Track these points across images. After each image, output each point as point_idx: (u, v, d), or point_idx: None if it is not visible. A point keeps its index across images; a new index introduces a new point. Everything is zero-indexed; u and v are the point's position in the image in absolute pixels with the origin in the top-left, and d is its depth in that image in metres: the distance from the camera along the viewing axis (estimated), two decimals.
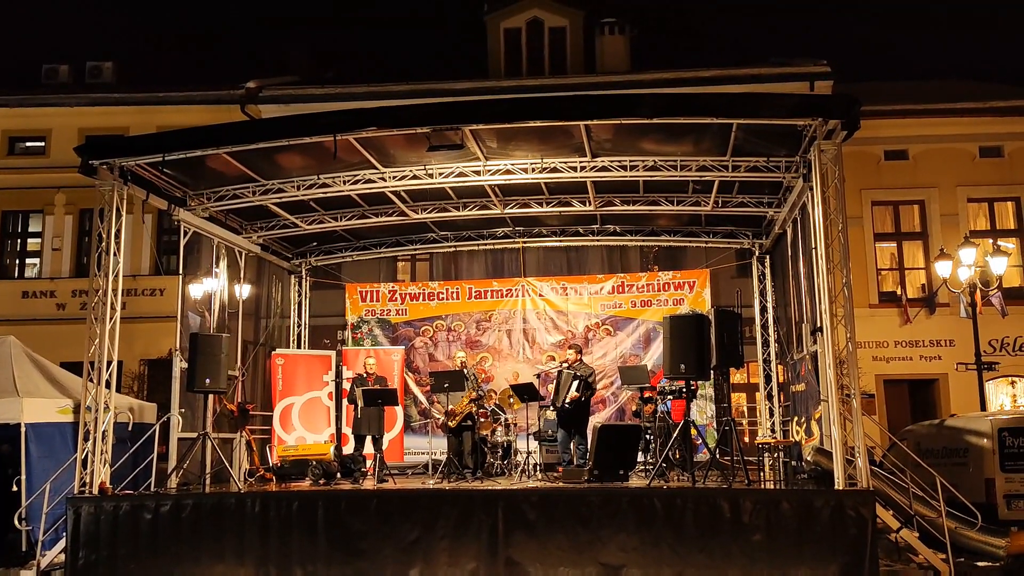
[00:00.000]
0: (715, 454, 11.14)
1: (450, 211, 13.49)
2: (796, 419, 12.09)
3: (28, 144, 19.22)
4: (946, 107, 17.70)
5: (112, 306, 10.35)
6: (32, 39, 35.31)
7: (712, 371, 10.95)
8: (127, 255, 11.29)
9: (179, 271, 12.76)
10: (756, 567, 8.50)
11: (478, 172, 11.65)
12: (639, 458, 11.80)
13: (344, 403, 13.91)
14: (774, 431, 13.55)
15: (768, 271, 14.12)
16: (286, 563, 9.13)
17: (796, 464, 10.77)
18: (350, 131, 10.13)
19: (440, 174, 11.72)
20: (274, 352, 14.35)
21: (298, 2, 40.34)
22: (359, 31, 35.66)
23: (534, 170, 11.59)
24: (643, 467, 11.95)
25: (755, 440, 14.02)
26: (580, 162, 11.42)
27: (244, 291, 13.69)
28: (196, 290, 12.57)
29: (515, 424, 12.58)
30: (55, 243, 18.62)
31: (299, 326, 15.45)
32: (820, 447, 10.02)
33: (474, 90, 17.22)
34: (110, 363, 10.27)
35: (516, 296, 15.44)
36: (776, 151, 10.69)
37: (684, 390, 10.70)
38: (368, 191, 12.27)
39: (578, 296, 15.38)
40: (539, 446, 12.63)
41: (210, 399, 11.26)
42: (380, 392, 12.10)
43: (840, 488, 8.66)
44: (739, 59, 18.82)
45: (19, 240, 19.32)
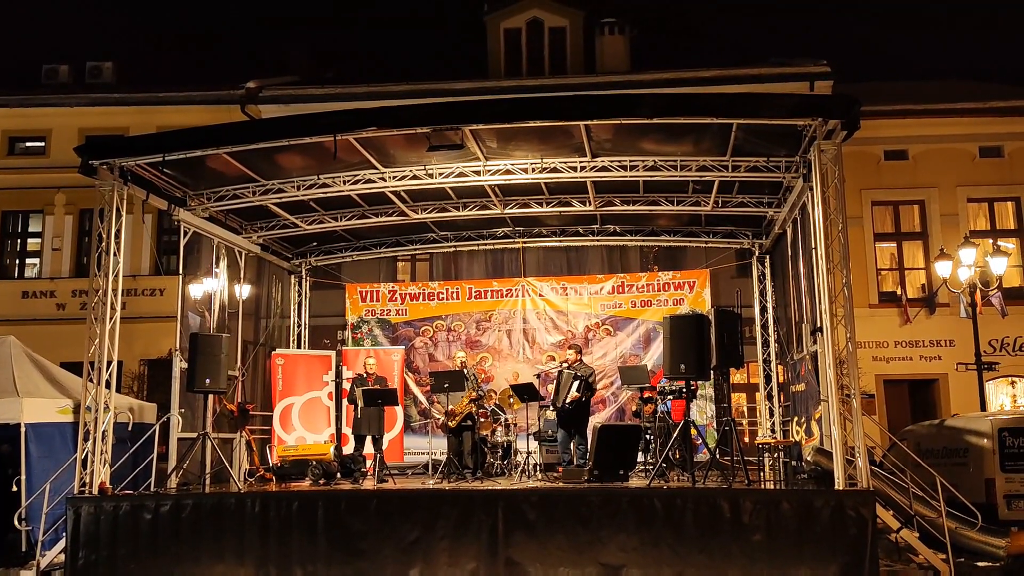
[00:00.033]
0: (715, 454, 11.14)
1: (450, 211, 13.49)
2: (796, 419, 12.09)
3: (28, 144, 19.21)
4: (946, 107, 17.69)
5: (112, 306, 10.35)
6: (32, 39, 35.35)
7: (712, 371, 10.94)
8: (127, 255, 11.29)
9: (179, 271, 12.76)
10: (756, 567, 8.49)
11: (478, 172, 11.64)
12: (639, 458, 11.79)
13: (344, 403, 13.91)
14: (774, 431, 13.55)
15: (768, 271, 14.12)
16: (286, 563, 9.13)
17: (796, 464, 10.77)
18: (350, 131, 10.13)
19: (440, 174, 11.72)
20: (274, 352, 14.35)
21: (298, 2, 40.36)
22: (359, 31, 35.69)
23: (534, 170, 11.59)
24: (643, 467, 11.94)
25: (755, 440, 14.02)
26: (580, 162, 11.42)
27: (244, 291, 13.69)
28: (196, 290, 12.57)
29: (515, 424, 12.57)
30: (55, 243, 18.61)
31: (299, 326, 15.45)
32: (820, 447, 10.02)
33: (474, 90, 17.21)
34: (110, 363, 10.27)
35: (516, 296, 15.44)
36: (776, 151, 10.68)
37: (684, 390, 10.69)
38: (368, 191, 12.27)
39: (578, 296, 15.38)
40: (539, 446, 12.63)
41: (210, 399, 11.26)
42: (380, 392, 12.09)
43: (840, 488, 8.66)
44: (739, 59, 18.83)
45: (19, 240, 19.31)
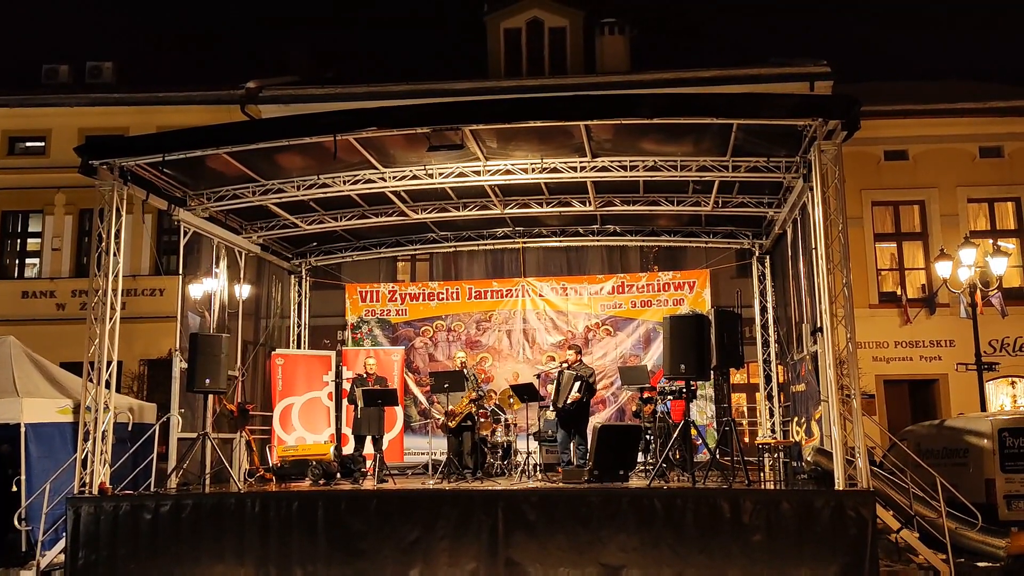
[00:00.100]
0: (715, 454, 11.13)
1: (450, 211, 13.49)
2: (796, 419, 12.08)
3: (28, 144, 19.21)
4: (946, 107, 17.69)
5: (112, 306, 10.35)
6: (32, 39, 35.36)
7: (712, 371, 10.94)
8: (127, 255, 11.29)
9: (179, 271, 12.75)
10: (756, 567, 8.49)
11: (478, 172, 11.64)
12: (639, 458, 11.79)
13: (344, 403, 13.91)
14: (774, 431, 13.55)
15: (768, 271, 14.12)
16: (286, 563, 9.13)
17: (796, 464, 10.77)
18: (350, 131, 10.13)
19: (440, 174, 11.72)
20: (274, 352, 14.35)
21: (298, 2, 40.37)
22: (359, 31, 35.70)
23: (534, 170, 11.59)
24: (643, 467, 11.94)
25: (755, 440, 14.03)
26: (580, 162, 11.42)
27: (244, 291, 13.69)
28: (196, 290, 12.57)
29: (515, 424, 12.57)
30: (55, 243, 18.61)
31: (299, 326, 15.44)
32: (820, 447, 10.02)
33: (474, 90, 17.21)
34: (110, 363, 10.27)
35: (516, 296, 15.43)
36: (776, 151, 10.68)
37: (684, 390, 10.69)
38: (368, 191, 12.27)
39: (578, 296, 15.37)
40: (539, 446, 12.61)
41: (210, 399, 11.26)
42: (380, 392, 12.09)
43: (840, 488, 8.66)
44: (739, 59, 18.83)
45: (19, 240, 19.31)
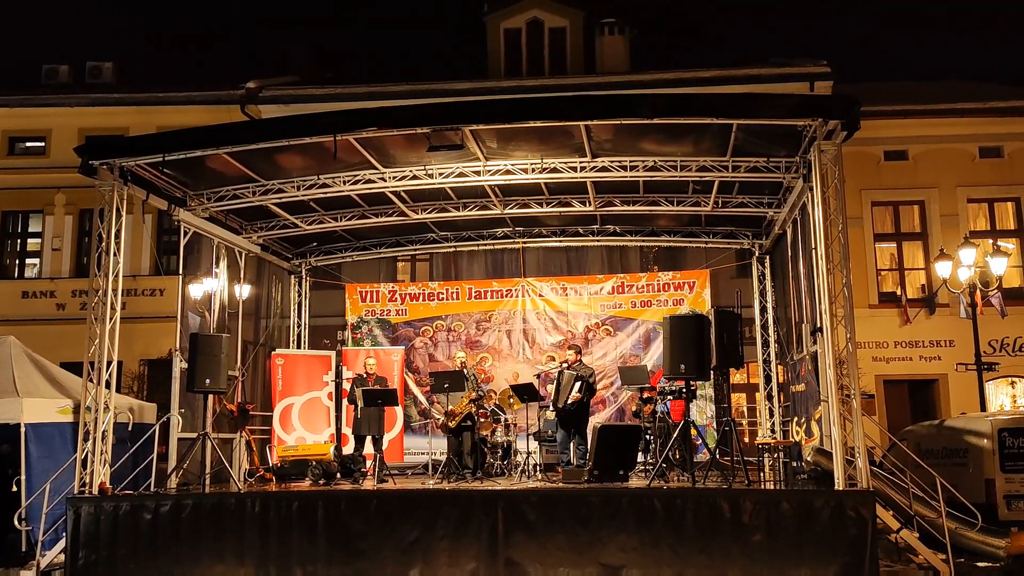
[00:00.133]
0: (715, 454, 11.13)
1: (450, 211, 13.49)
2: (796, 419, 12.09)
3: (28, 144, 19.20)
4: (946, 107, 17.68)
5: (112, 306, 10.35)
6: (32, 39, 35.39)
7: (712, 371, 10.94)
8: (127, 255, 11.29)
9: (179, 271, 12.76)
10: (756, 567, 8.49)
11: (478, 172, 11.64)
12: (639, 458, 11.79)
13: (344, 403, 13.91)
14: (774, 431, 13.55)
15: (768, 271, 14.12)
16: (286, 563, 9.13)
17: (796, 464, 10.77)
18: (350, 131, 10.13)
19: (440, 174, 11.72)
20: (274, 352, 14.35)
21: (298, 2, 40.38)
22: (359, 31, 35.73)
23: (534, 170, 11.59)
24: (643, 467, 11.94)
25: (755, 440, 14.03)
26: (580, 162, 11.42)
27: (244, 291, 13.69)
28: (196, 290, 12.57)
29: (515, 424, 12.58)
30: (55, 243, 18.61)
31: (299, 326, 15.45)
32: (820, 447, 10.02)
33: (474, 90, 17.21)
34: (110, 363, 10.27)
35: (516, 296, 15.44)
36: (776, 151, 10.68)
37: (684, 390, 10.69)
38: (368, 191, 12.27)
39: (578, 296, 15.37)
40: (539, 446, 12.61)
41: (210, 399, 11.25)
42: (380, 392, 12.09)
43: (840, 488, 8.66)
44: (739, 59, 18.82)
45: (19, 240, 19.30)
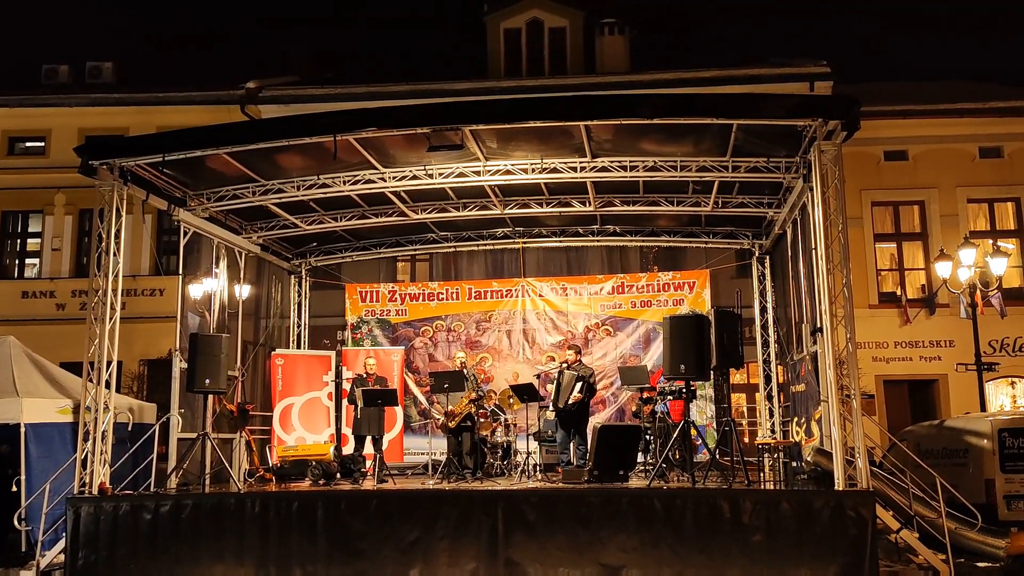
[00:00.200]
0: (715, 454, 11.12)
1: (450, 211, 13.49)
2: (796, 419, 12.08)
3: (28, 144, 19.20)
4: (946, 108, 17.68)
5: (112, 306, 10.35)
6: (32, 39, 35.41)
7: (712, 371, 10.94)
8: (127, 255, 11.29)
9: (179, 271, 12.76)
10: (756, 568, 8.49)
11: (478, 172, 11.64)
12: (639, 458, 11.79)
13: (344, 403, 13.91)
14: (774, 431, 13.55)
15: (768, 271, 14.12)
16: (286, 563, 9.13)
17: (796, 465, 10.77)
18: (350, 131, 10.13)
19: (440, 174, 11.72)
20: (274, 352, 14.35)
21: (298, 2, 40.40)
22: (359, 31, 35.76)
23: (534, 170, 11.59)
24: (643, 467, 11.94)
25: (755, 440, 14.02)
26: (580, 162, 11.42)
27: (244, 291, 13.69)
28: (196, 290, 12.57)
29: (515, 424, 12.57)
30: (55, 243, 18.60)
31: (299, 326, 15.45)
32: (820, 448, 10.02)
33: (474, 90, 17.21)
34: (110, 363, 10.27)
35: (516, 296, 15.44)
36: (776, 151, 10.68)
37: (683, 390, 10.68)
38: (368, 191, 12.27)
39: (578, 296, 15.38)
40: (539, 446, 12.61)
41: (210, 399, 11.25)
42: (380, 392, 12.08)
43: (840, 489, 8.66)
44: (739, 59, 18.83)
45: (19, 240, 19.29)
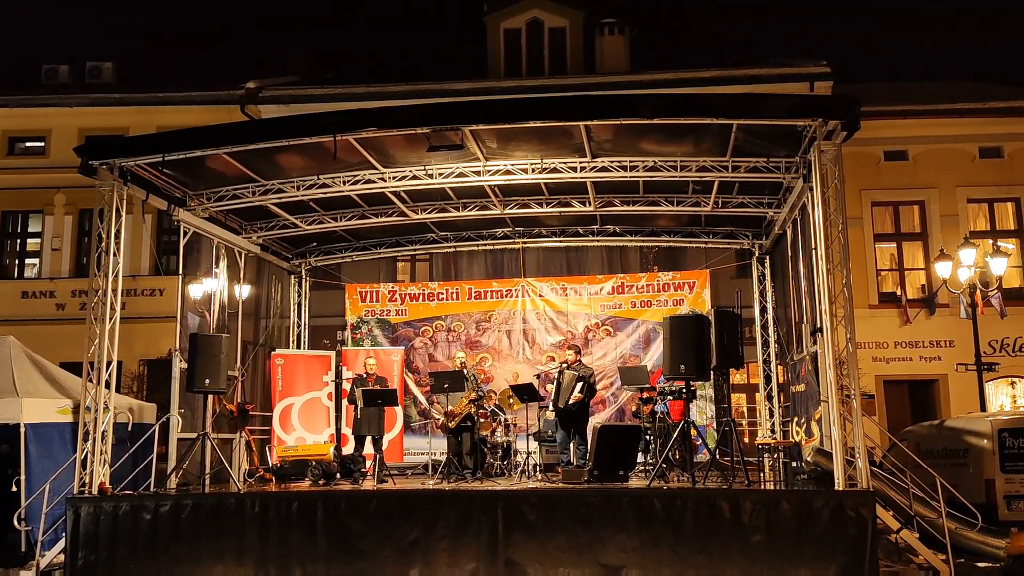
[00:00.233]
0: (715, 455, 11.12)
1: (450, 211, 13.49)
2: (796, 420, 12.08)
3: (28, 144, 19.19)
4: (946, 108, 17.67)
5: (112, 306, 10.35)
6: (32, 39, 35.41)
7: (712, 371, 10.95)
8: (127, 255, 11.29)
9: (179, 271, 12.75)
10: (756, 568, 8.49)
11: (478, 172, 11.64)
12: (639, 458, 11.79)
13: (344, 403, 13.91)
14: (774, 432, 13.55)
15: (768, 271, 14.12)
16: (286, 563, 9.13)
17: (796, 465, 10.77)
18: (350, 131, 10.13)
19: (440, 174, 11.72)
20: (274, 352, 14.34)
21: (298, 2, 40.40)
22: (359, 31, 35.78)
23: (534, 170, 11.59)
24: (643, 468, 11.94)
25: (755, 441, 14.02)
26: (580, 162, 11.42)
27: (244, 291, 13.69)
28: (196, 290, 12.56)
29: (515, 424, 12.57)
30: (55, 243, 18.59)
31: (299, 326, 15.45)
32: (820, 448, 10.02)
33: (474, 90, 17.21)
34: (110, 363, 10.27)
35: (516, 296, 15.44)
36: (776, 152, 10.68)
37: (683, 390, 10.68)
38: (368, 191, 12.26)
39: (578, 296, 15.38)
40: (539, 447, 12.61)
41: (210, 399, 11.25)
42: (380, 392, 12.08)
43: (840, 489, 8.66)
44: (739, 59, 18.83)
45: (19, 240, 19.28)
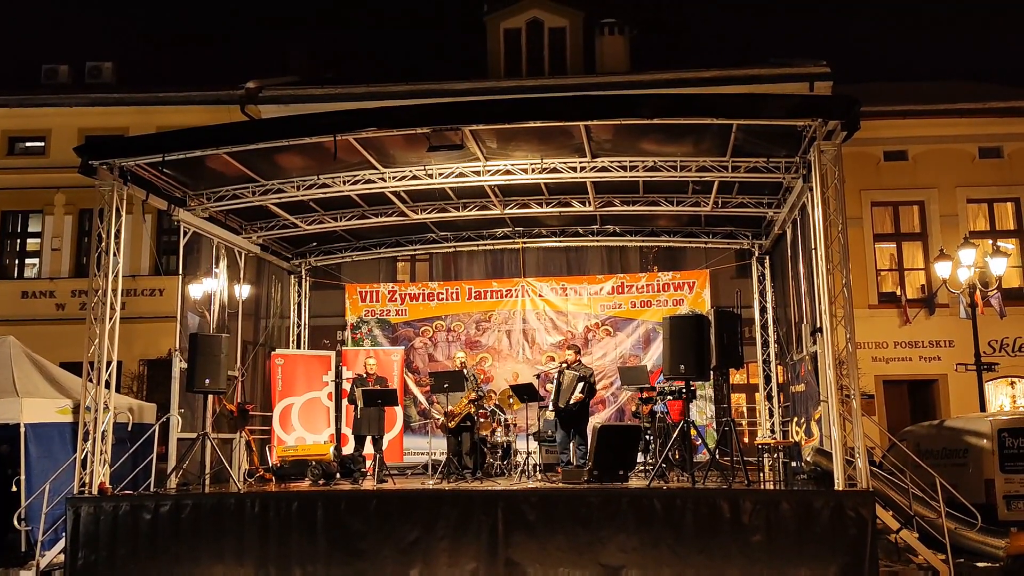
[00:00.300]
0: (715, 455, 11.12)
1: (450, 211, 13.49)
2: (796, 420, 12.09)
3: (28, 144, 19.18)
4: (946, 108, 17.66)
5: (112, 306, 10.35)
6: (32, 39, 35.40)
7: (712, 372, 10.95)
8: (127, 255, 11.29)
9: (179, 271, 12.75)
10: (756, 568, 8.49)
11: (478, 172, 11.65)
12: (639, 458, 11.79)
13: (344, 403, 13.91)
14: (774, 432, 13.56)
15: (768, 272, 14.13)
16: (286, 563, 9.13)
17: (796, 465, 10.77)
18: (350, 131, 10.13)
19: (440, 174, 11.72)
20: (274, 352, 14.35)
21: (298, 2, 40.40)
22: (359, 31, 35.78)
23: (534, 170, 11.59)
24: (643, 467, 11.94)
25: (755, 441, 14.02)
26: (580, 162, 11.42)
27: (244, 291, 13.69)
28: (196, 290, 12.56)
29: (515, 424, 12.58)
30: (55, 243, 18.59)
31: (299, 326, 15.45)
32: (820, 448, 10.02)
33: (474, 90, 17.20)
34: (110, 363, 10.27)
35: (516, 296, 15.44)
36: (776, 152, 10.68)
37: (683, 390, 10.69)
38: (368, 191, 12.27)
39: (578, 296, 15.38)
40: (539, 446, 12.61)
41: (210, 399, 11.25)
42: (380, 392, 12.08)
43: (840, 489, 8.66)
44: (739, 59, 18.82)
45: (19, 240, 19.27)
